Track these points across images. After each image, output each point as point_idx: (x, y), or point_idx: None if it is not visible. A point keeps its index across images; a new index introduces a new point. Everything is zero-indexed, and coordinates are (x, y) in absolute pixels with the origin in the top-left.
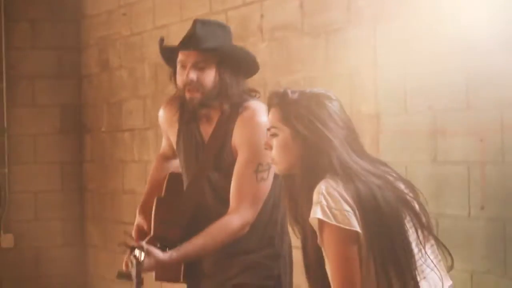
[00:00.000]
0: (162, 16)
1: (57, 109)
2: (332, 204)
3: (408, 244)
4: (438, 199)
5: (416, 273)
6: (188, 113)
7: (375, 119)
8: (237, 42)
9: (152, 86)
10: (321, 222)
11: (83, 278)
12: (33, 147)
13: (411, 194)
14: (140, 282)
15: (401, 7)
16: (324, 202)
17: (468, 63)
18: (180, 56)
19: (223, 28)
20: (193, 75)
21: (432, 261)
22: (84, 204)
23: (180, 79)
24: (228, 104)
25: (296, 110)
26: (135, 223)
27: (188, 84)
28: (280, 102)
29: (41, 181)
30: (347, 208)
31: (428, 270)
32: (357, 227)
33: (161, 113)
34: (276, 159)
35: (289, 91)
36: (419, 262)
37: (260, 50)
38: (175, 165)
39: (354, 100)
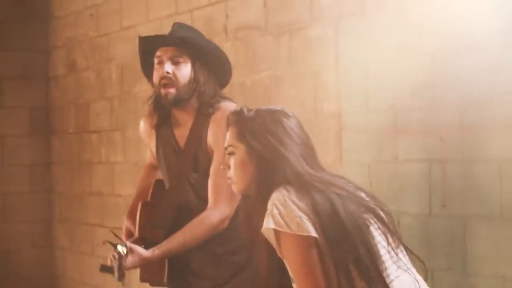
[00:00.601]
0: (129, 17)
1: (24, 110)
2: (285, 212)
3: (371, 247)
4: (400, 197)
5: (386, 274)
6: (161, 114)
7: (337, 117)
8: None
9: (119, 87)
10: (277, 232)
11: (51, 280)
12: (1, 149)
13: (374, 203)
14: (122, 275)
15: (363, 6)
16: (276, 211)
17: (430, 63)
18: (158, 53)
19: (200, 33)
20: (169, 68)
21: (405, 264)
22: (52, 206)
23: (156, 75)
24: (201, 103)
25: (251, 127)
26: (124, 227)
27: (164, 78)
28: (236, 120)
29: (9, 183)
30: (300, 214)
31: (400, 271)
32: (313, 233)
33: (141, 126)
34: (233, 178)
35: (245, 109)
36: (388, 263)
37: (225, 50)
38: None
39: (317, 98)
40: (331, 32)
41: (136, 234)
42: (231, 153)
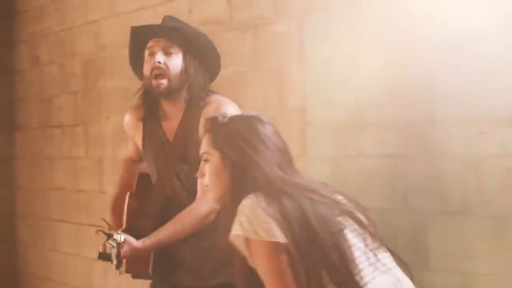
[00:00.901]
0: (93, 11)
1: None
2: (253, 219)
3: (344, 251)
4: (364, 192)
5: (360, 276)
6: (149, 107)
7: (302, 112)
8: None
9: (83, 81)
10: (246, 239)
11: (14, 276)
12: None
13: (352, 205)
14: (120, 262)
15: (328, 1)
16: (243, 218)
17: (395, 57)
18: (150, 43)
19: (190, 26)
20: (161, 58)
21: (384, 265)
22: (15, 202)
23: (147, 66)
24: (192, 95)
25: (225, 133)
26: (109, 223)
27: (156, 68)
28: (211, 127)
29: None
30: (269, 220)
31: (377, 272)
32: (281, 239)
33: (127, 119)
34: (209, 185)
35: (219, 116)
36: (363, 265)
37: None
38: (142, 167)
39: (281, 93)
40: (295, 28)
41: (124, 224)
42: (206, 160)
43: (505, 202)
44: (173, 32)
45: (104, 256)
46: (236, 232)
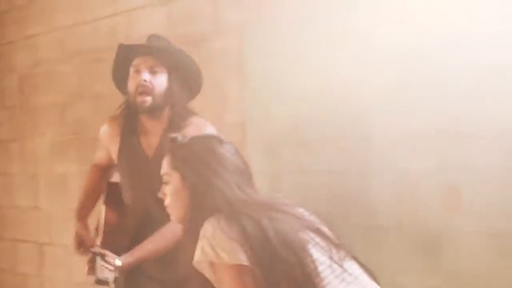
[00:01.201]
0: (31, 25)
1: None
2: (215, 243)
3: (307, 267)
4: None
5: None
6: (129, 121)
7: (241, 127)
8: (105, 52)
9: (19, 96)
10: (210, 264)
11: None
12: None
13: (313, 218)
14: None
15: (267, 17)
16: (205, 242)
17: (330, 74)
18: (136, 61)
19: (175, 46)
20: (147, 77)
21: (350, 275)
22: None
23: (133, 83)
24: (174, 113)
25: (183, 155)
26: (76, 230)
27: (141, 86)
28: (171, 148)
29: None
30: (231, 243)
31: (344, 284)
32: (244, 261)
33: (105, 128)
34: (169, 207)
35: (179, 137)
36: (329, 279)
37: None
38: (109, 175)
39: (221, 108)
40: (235, 44)
41: (100, 236)
42: (166, 182)
43: (441, 218)
44: (159, 52)
45: (101, 282)
46: (199, 258)
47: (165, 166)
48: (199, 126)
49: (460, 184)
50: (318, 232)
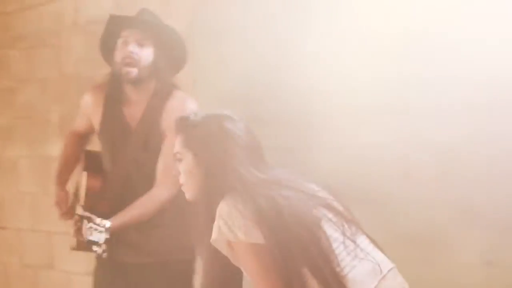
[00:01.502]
0: None
1: None
2: (231, 222)
3: (322, 244)
4: None
5: (340, 268)
6: (113, 92)
7: None
8: (52, 36)
9: None
10: (227, 243)
11: None
12: None
13: (326, 193)
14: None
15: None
16: (221, 222)
17: (275, 52)
18: (124, 33)
19: (162, 21)
20: (134, 49)
21: (362, 251)
22: None
23: (120, 54)
24: (158, 86)
25: (196, 134)
26: (56, 194)
27: (128, 57)
28: (183, 127)
29: None
30: (247, 222)
31: (357, 260)
32: (260, 239)
33: (87, 97)
34: (184, 185)
35: (192, 115)
36: (342, 255)
37: (76, 44)
38: (86, 142)
39: None
40: (184, 25)
41: (82, 202)
42: (179, 160)
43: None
44: (147, 26)
45: (93, 243)
46: (216, 237)
47: (177, 144)
48: (183, 100)
49: (409, 156)
50: (329, 208)
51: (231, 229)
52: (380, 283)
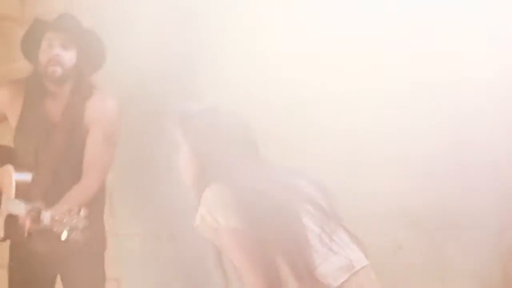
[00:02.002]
0: None
1: None
2: (212, 209)
3: (298, 236)
4: None
5: (312, 259)
6: (33, 89)
7: None
8: None
9: None
10: (211, 228)
11: None
12: None
13: (312, 190)
14: None
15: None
16: (204, 209)
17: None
18: (49, 35)
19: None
20: (58, 51)
21: (337, 245)
22: None
23: (45, 55)
24: (79, 84)
25: (192, 126)
26: None
27: (53, 59)
28: (180, 119)
29: None
30: (228, 209)
31: (331, 253)
32: (239, 226)
33: (2, 91)
34: (182, 173)
35: (189, 107)
36: (317, 247)
37: None
38: None
39: None
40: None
41: (13, 195)
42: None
43: None
44: (69, 29)
45: (72, 231)
46: (198, 222)
47: (175, 135)
48: (103, 97)
49: None
50: (312, 203)
51: (212, 214)
52: (350, 278)
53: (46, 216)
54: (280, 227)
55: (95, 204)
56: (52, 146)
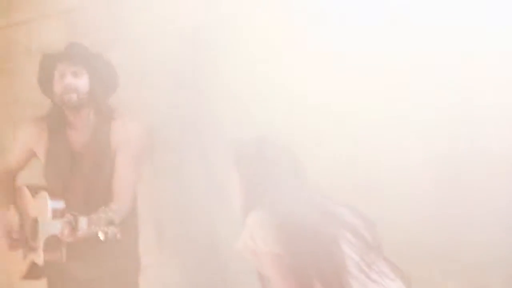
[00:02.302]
0: None
1: None
2: (255, 232)
3: (335, 262)
4: None
5: (350, 285)
6: (55, 121)
7: None
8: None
9: None
10: (252, 250)
11: None
12: None
13: (355, 220)
14: None
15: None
16: (247, 231)
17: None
18: (60, 67)
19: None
20: (71, 80)
21: (376, 274)
22: None
23: (59, 86)
24: (98, 110)
25: (243, 155)
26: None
27: (67, 87)
28: (234, 145)
29: None
30: (268, 233)
31: (369, 282)
32: (278, 249)
33: (27, 128)
34: (232, 196)
35: (244, 139)
36: (354, 275)
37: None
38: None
39: None
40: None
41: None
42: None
43: None
44: (79, 58)
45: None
46: (241, 243)
47: (228, 161)
48: (125, 119)
49: None
50: (353, 231)
51: (254, 239)
52: None
53: (83, 222)
54: (317, 251)
55: (127, 226)
56: (81, 173)
